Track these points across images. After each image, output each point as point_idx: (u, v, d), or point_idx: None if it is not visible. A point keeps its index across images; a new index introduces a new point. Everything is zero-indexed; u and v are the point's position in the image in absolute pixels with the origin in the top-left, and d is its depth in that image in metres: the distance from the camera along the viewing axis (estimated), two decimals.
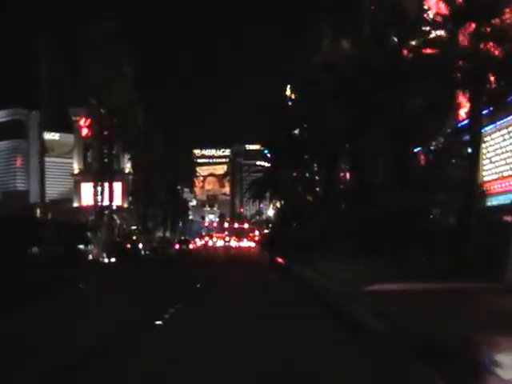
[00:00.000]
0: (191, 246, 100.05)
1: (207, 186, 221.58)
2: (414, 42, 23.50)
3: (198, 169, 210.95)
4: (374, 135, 25.92)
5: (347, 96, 25.63)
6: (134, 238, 73.57)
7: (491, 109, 23.33)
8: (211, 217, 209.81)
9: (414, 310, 14.23)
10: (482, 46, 20.37)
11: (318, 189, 48.28)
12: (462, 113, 26.53)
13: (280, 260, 43.81)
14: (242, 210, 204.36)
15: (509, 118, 29.71)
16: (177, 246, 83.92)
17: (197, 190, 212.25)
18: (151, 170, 68.10)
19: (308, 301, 19.39)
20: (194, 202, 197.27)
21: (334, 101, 28.52)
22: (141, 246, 69.17)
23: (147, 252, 68.02)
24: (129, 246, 64.89)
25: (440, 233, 21.99)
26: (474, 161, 22.30)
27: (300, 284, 24.87)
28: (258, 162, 75.05)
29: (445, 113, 23.70)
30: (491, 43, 20.27)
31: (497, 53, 20.44)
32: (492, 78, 20.58)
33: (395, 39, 25.08)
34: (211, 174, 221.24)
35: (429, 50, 22.20)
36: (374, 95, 23.56)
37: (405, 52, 23.97)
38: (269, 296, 21.01)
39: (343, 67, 26.85)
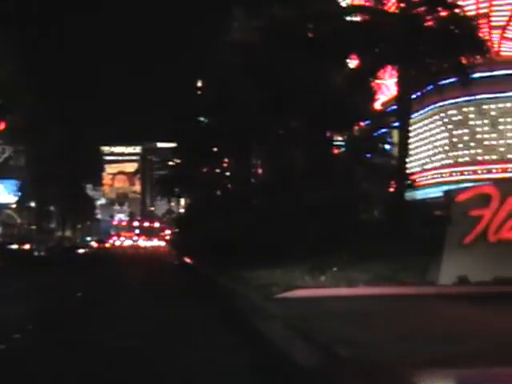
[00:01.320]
0: (96, 245, 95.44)
1: (117, 184, 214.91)
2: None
3: (107, 166, 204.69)
4: (291, 119, 22.84)
5: (258, 75, 22.39)
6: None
7: (419, 94, 21.07)
8: (121, 216, 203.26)
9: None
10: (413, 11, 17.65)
11: (229, 185, 45.31)
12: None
13: (188, 260, 41.16)
14: (152, 208, 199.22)
15: (433, 106, 27.69)
16: (95, 245, 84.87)
17: (106, 188, 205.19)
18: (47, 163, 62.74)
19: (209, 310, 16.18)
20: (102, 201, 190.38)
21: (244, 82, 25.26)
22: (28, 246, 63.47)
23: (42, 253, 62.79)
24: (17, 246, 59.67)
25: (367, 228, 19.18)
26: (404, 147, 19.68)
27: (205, 290, 21.73)
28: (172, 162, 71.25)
29: (370, 92, 20.96)
30: (423, 8, 17.60)
31: (430, 23, 17.85)
32: (424, 52, 17.93)
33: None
34: (121, 172, 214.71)
35: (353, 18, 19.28)
36: (288, 72, 20.41)
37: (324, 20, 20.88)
38: (161, 309, 17.42)
39: (255, 43, 23.64)
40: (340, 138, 26.57)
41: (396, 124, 20.85)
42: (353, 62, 20.66)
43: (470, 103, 26.27)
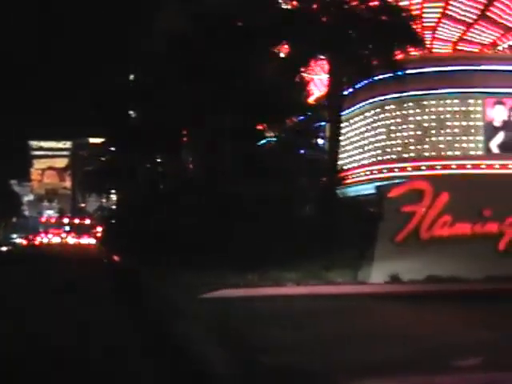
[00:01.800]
0: (25, 242, 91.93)
1: (46, 180, 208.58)
2: None
3: (35, 161, 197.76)
4: (222, 113, 21.79)
5: (186, 66, 21.24)
6: None
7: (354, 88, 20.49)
8: (50, 212, 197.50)
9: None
10: None
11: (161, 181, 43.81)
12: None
13: (117, 259, 39.62)
14: (83, 205, 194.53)
15: (370, 101, 27.31)
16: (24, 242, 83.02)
17: (34, 183, 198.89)
18: None
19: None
20: (30, 197, 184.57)
21: (170, 73, 24.02)
22: None
23: None
24: None
25: (298, 226, 18.43)
26: (334, 141, 19.03)
27: (127, 289, 20.56)
28: None
29: (302, 84, 20.22)
30: None
31: (362, 11, 17.22)
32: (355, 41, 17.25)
33: None
34: (51, 168, 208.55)
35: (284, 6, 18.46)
36: (216, 63, 19.35)
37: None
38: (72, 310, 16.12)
39: (182, 32, 22.48)
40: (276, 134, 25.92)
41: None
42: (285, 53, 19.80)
43: (406, 99, 25.91)
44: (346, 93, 28.49)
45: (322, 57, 18.27)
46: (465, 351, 8.57)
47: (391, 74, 21.17)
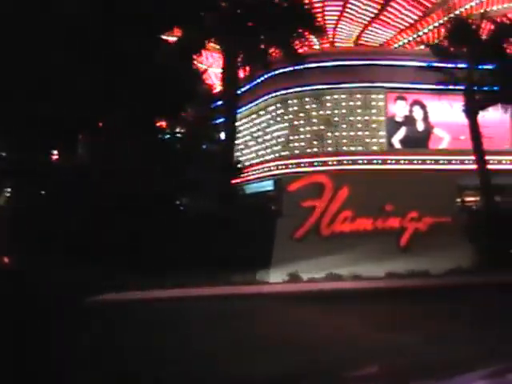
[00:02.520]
0: None
1: None
2: None
3: None
4: (116, 105, 20.31)
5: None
6: None
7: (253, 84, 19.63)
8: None
9: None
10: None
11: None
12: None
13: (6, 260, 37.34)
14: None
15: (272, 95, 26.62)
16: None
17: None
18: None
19: None
20: None
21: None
22: None
23: None
24: None
25: (193, 223, 17.33)
26: (230, 136, 18.14)
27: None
28: None
29: (196, 74, 19.16)
30: None
31: None
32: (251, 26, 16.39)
33: None
34: None
35: None
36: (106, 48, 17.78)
37: None
38: None
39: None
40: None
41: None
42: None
43: (308, 93, 25.49)
44: (248, 86, 27.96)
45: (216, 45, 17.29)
46: (360, 357, 7.82)
47: (293, 68, 20.57)
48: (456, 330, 9.95)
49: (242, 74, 19.85)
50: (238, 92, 28.34)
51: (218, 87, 26.86)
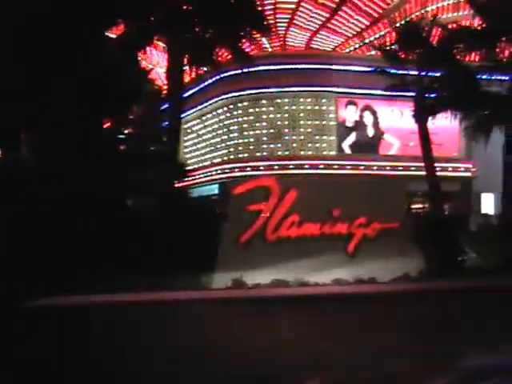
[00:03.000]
0: None
1: None
2: None
3: None
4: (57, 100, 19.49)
5: None
6: None
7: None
8: None
9: None
10: None
11: None
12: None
13: None
14: None
15: (223, 96, 26.21)
16: None
17: None
18: None
19: None
20: None
21: None
22: None
23: None
24: None
25: (136, 226, 16.70)
26: (174, 135, 17.62)
27: None
28: None
29: (140, 71, 18.58)
30: None
31: None
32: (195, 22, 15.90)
33: None
34: None
35: None
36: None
37: None
38: None
39: None
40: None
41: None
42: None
43: (260, 96, 25.19)
44: (199, 87, 27.48)
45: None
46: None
47: (242, 70, 20.23)
48: (394, 341, 9.66)
49: (193, 75, 19.45)
50: (190, 93, 27.97)
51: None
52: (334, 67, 25.18)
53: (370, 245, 18.40)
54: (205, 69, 20.06)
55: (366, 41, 27.23)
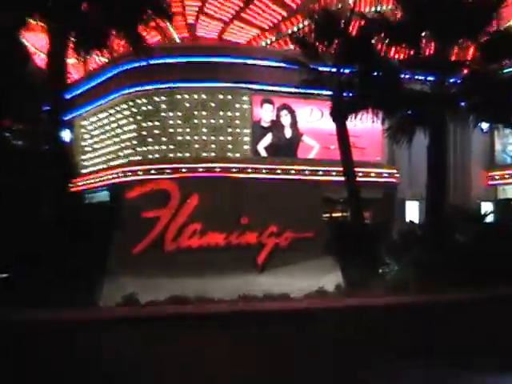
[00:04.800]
0: None
1: None
2: None
3: None
4: None
5: None
6: None
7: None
8: None
9: None
10: None
11: None
12: None
13: None
14: None
15: (111, 97, 25.16)
16: None
17: None
18: None
19: None
20: None
21: None
22: None
23: None
24: None
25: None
26: (57, 134, 16.44)
27: None
28: None
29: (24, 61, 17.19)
30: None
31: None
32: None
33: None
34: None
35: None
36: None
37: None
38: None
39: None
40: None
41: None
42: None
43: (160, 92, 24.19)
44: (97, 81, 26.28)
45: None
46: None
47: (143, 62, 19.15)
48: (288, 367, 9.03)
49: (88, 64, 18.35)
50: (89, 86, 26.73)
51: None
52: (248, 62, 24.61)
53: (282, 256, 17.89)
54: (102, 59, 19.04)
55: (289, 32, 26.76)
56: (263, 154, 25.39)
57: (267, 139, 25.64)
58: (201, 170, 22.05)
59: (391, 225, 21.62)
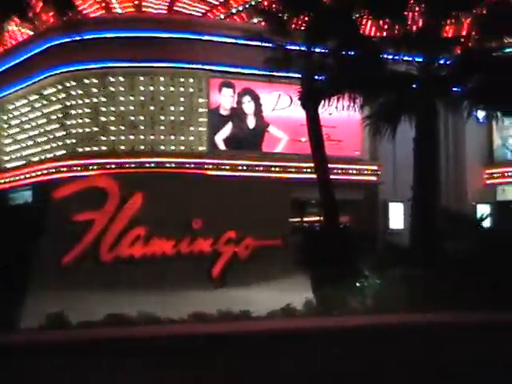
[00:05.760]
0: None
1: None
2: None
3: None
4: None
5: None
6: None
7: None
8: None
9: None
10: None
11: None
12: None
13: None
14: None
15: (38, 79, 24.84)
16: None
17: None
18: None
19: None
20: None
21: None
22: None
23: None
24: None
25: None
26: None
27: None
28: None
29: None
30: None
31: None
32: None
33: None
34: None
35: None
36: None
37: None
38: None
39: None
40: None
41: None
42: None
43: (94, 73, 23.83)
44: (14, 62, 25.89)
45: None
46: None
47: (75, 38, 18.69)
48: None
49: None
50: (7, 66, 26.29)
51: None
52: (203, 38, 24.50)
53: (242, 267, 17.86)
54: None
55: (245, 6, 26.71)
56: (222, 146, 25.49)
57: (226, 130, 25.72)
58: (150, 165, 21.88)
59: (372, 231, 21.69)
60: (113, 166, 22.12)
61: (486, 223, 21.33)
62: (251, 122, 26.20)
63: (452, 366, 11.04)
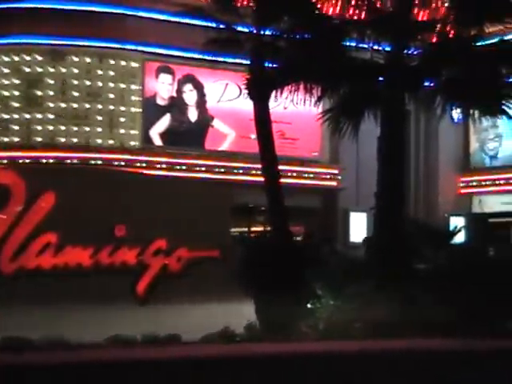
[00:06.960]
0: None
1: None
2: None
3: None
4: None
5: None
6: None
7: None
8: None
9: None
10: None
11: None
12: None
13: None
14: None
15: None
16: None
17: None
18: None
19: None
20: None
21: None
22: None
23: None
24: None
25: None
26: None
27: None
28: None
29: None
30: None
31: None
32: None
33: None
34: None
35: None
36: None
37: None
38: None
39: None
40: None
41: None
42: None
43: (42, 47, 23.70)
44: None
45: None
46: None
47: None
48: None
49: None
50: None
51: None
52: (138, 13, 24.59)
53: (173, 283, 17.64)
54: None
55: None
56: (157, 142, 25.79)
57: (164, 122, 26.03)
58: (70, 161, 21.71)
59: (329, 243, 21.62)
60: (26, 161, 22.03)
61: (459, 238, 21.23)
62: (193, 115, 26.64)
63: None
